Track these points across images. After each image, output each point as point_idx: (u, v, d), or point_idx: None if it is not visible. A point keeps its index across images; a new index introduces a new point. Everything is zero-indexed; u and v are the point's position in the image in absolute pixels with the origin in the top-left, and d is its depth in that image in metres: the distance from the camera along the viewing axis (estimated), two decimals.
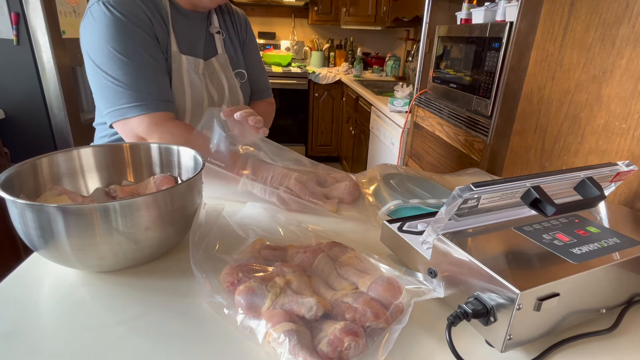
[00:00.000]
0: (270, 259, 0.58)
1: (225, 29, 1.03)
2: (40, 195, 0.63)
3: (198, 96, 0.94)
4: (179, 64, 0.90)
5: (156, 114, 0.85)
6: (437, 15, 1.84)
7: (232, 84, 1.01)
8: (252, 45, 1.11)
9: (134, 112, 0.83)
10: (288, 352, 0.41)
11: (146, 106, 0.84)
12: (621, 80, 0.80)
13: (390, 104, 2.23)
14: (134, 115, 0.83)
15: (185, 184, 0.59)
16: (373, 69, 3.88)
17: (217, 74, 0.99)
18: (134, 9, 0.83)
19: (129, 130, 0.86)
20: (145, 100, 0.84)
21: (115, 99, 0.83)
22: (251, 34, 1.12)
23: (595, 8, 0.86)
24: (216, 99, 0.98)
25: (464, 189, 0.46)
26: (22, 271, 0.59)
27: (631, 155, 0.77)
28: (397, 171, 0.95)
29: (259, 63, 1.14)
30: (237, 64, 1.05)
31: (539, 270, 0.45)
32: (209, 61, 0.97)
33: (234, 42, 1.05)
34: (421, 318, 0.51)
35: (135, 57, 0.82)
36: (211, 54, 0.99)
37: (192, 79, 0.92)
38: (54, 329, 0.48)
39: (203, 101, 0.96)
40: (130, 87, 0.82)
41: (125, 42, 0.81)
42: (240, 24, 1.08)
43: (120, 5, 0.81)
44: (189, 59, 0.92)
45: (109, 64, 0.81)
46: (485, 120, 1.31)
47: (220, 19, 1.02)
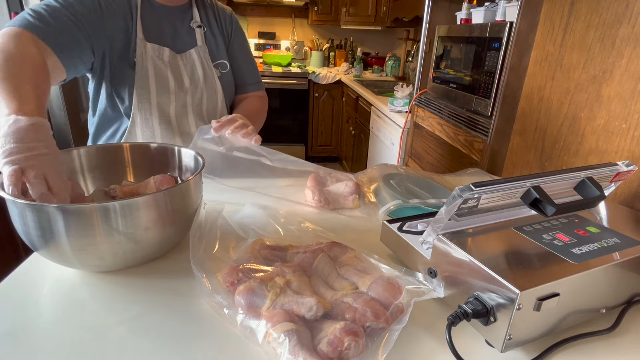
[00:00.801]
0: (270, 259, 0.58)
1: (207, 23, 1.09)
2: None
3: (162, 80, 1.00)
4: (143, 49, 0.97)
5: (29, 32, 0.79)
6: (437, 15, 1.84)
7: (208, 74, 1.07)
8: (239, 39, 1.17)
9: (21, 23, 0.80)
10: (288, 352, 0.41)
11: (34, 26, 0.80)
12: (621, 80, 0.80)
13: (390, 104, 2.23)
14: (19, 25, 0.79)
15: (185, 184, 0.59)
16: (373, 69, 3.88)
17: (193, 64, 1.05)
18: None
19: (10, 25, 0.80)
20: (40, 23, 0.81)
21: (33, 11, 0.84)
22: (237, 28, 1.17)
23: (595, 8, 0.86)
24: (187, 85, 1.03)
25: (464, 189, 0.46)
26: (22, 271, 0.59)
27: (631, 155, 0.77)
28: (397, 171, 0.95)
29: (247, 56, 1.20)
30: (217, 56, 1.10)
31: (539, 270, 0.45)
32: (187, 52, 1.04)
33: (216, 36, 1.10)
34: (421, 318, 0.51)
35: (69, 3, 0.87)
36: (190, 46, 1.05)
37: (156, 64, 0.98)
38: (54, 329, 0.48)
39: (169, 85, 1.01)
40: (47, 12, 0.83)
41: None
42: (224, 19, 1.14)
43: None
44: (154, 46, 0.98)
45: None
46: (485, 120, 1.31)
47: (202, 14, 1.08)
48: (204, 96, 1.06)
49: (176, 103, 1.01)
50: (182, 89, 1.02)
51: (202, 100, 1.06)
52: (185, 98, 1.03)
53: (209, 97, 1.07)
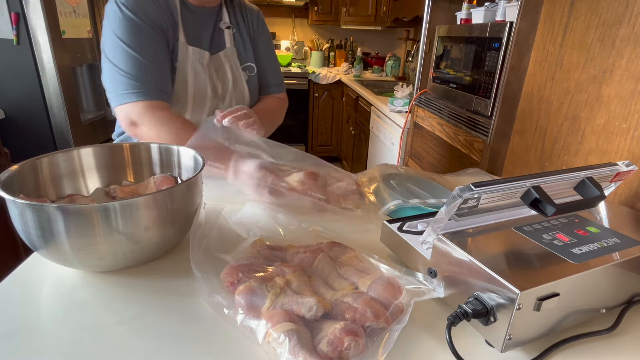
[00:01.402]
0: (270, 259, 0.58)
1: (236, 24, 1.06)
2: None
3: (201, 86, 0.99)
4: (185, 54, 0.96)
5: (151, 102, 0.91)
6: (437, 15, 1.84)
7: (237, 78, 1.05)
8: (263, 39, 1.14)
9: (130, 98, 0.90)
10: (288, 352, 0.41)
11: (142, 94, 0.90)
12: (621, 80, 0.80)
13: (390, 104, 2.23)
14: (130, 101, 0.90)
15: (185, 184, 0.59)
16: (373, 69, 3.88)
17: (223, 67, 1.03)
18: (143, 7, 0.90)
19: (124, 114, 0.92)
20: (142, 89, 0.90)
21: (118, 86, 0.91)
22: (263, 28, 1.14)
23: (595, 8, 0.86)
24: (220, 92, 1.01)
25: (464, 189, 0.46)
26: (22, 271, 0.59)
27: (631, 155, 0.77)
28: (397, 171, 0.95)
29: (270, 57, 1.17)
30: (246, 58, 1.08)
31: (539, 270, 0.45)
32: (216, 55, 1.02)
33: (244, 37, 1.08)
34: (421, 318, 0.51)
35: (140, 51, 0.90)
36: (219, 48, 1.03)
37: (196, 69, 0.97)
38: (54, 329, 0.48)
39: (206, 91, 1.00)
40: (132, 77, 0.90)
41: (132, 37, 0.90)
42: (252, 18, 1.11)
43: (130, 3, 0.90)
44: (195, 50, 0.97)
45: (118, 56, 0.90)
46: (485, 120, 1.31)
47: (231, 14, 1.06)
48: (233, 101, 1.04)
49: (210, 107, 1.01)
50: (216, 94, 1.01)
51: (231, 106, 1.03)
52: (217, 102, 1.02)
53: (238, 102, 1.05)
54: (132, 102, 0.90)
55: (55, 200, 0.66)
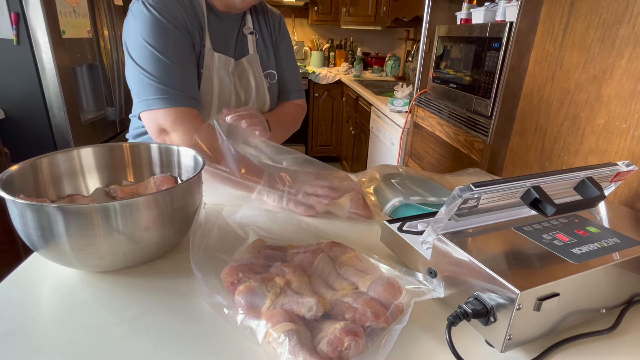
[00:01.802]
0: (270, 259, 0.58)
1: (259, 30, 1.05)
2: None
3: (225, 93, 0.97)
4: (210, 60, 0.94)
5: (182, 109, 0.88)
6: (437, 15, 1.84)
7: (259, 85, 1.03)
8: (285, 45, 1.12)
9: (160, 104, 0.88)
10: (288, 352, 0.41)
11: (173, 100, 0.88)
12: (621, 80, 0.80)
13: (390, 104, 2.23)
14: (161, 107, 0.88)
15: (185, 184, 0.59)
16: (373, 69, 3.88)
17: (246, 74, 1.01)
18: (171, 8, 0.88)
19: (154, 120, 0.89)
20: (172, 95, 0.88)
21: (146, 91, 0.88)
22: (285, 34, 1.12)
23: (595, 8, 0.86)
24: (243, 99, 1.00)
25: (464, 189, 0.46)
26: (22, 271, 0.59)
27: (631, 155, 0.77)
28: (397, 171, 0.95)
29: (291, 63, 1.14)
30: (268, 65, 1.06)
31: (539, 270, 0.45)
32: (239, 61, 1.00)
33: (267, 43, 1.06)
34: (421, 318, 0.51)
35: (167, 54, 0.87)
36: (242, 54, 1.01)
37: (221, 76, 0.96)
38: (54, 328, 0.48)
39: (230, 99, 0.98)
40: (161, 81, 0.87)
41: (160, 39, 0.86)
42: (274, 23, 1.09)
43: (158, 4, 0.87)
44: (221, 56, 0.95)
45: (144, 59, 0.87)
46: (485, 120, 1.31)
47: (254, 20, 1.04)
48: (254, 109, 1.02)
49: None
50: (239, 102, 0.99)
51: None
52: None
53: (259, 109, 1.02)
54: (162, 108, 0.87)
55: (55, 200, 0.66)
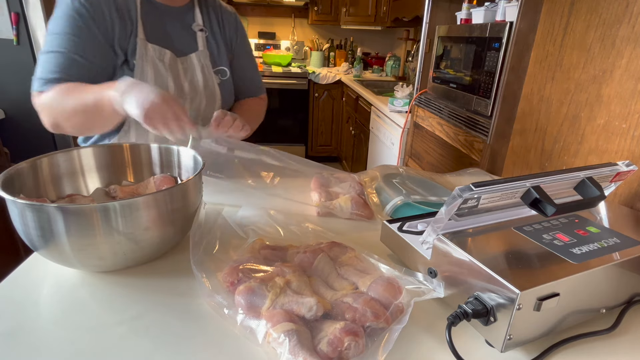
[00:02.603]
0: (270, 259, 0.58)
1: (209, 27, 1.04)
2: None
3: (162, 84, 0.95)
4: (143, 51, 0.92)
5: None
6: (437, 15, 1.84)
7: (208, 80, 1.02)
8: (243, 44, 1.12)
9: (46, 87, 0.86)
10: (288, 352, 0.41)
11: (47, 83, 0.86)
12: (621, 80, 0.80)
13: (390, 104, 2.23)
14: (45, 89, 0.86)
15: (185, 184, 0.59)
16: (373, 69, 3.88)
17: (193, 69, 1.00)
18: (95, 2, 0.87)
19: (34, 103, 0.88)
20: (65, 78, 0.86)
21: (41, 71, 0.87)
22: (241, 32, 1.12)
23: (595, 8, 0.86)
24: (187, 92, 0.99)
25: (464, 189, 0.46)
26: (22, 271, 0.59)
27: (631, 155, 0.77)
28: (398, 172, 0.95)
29: (251, 62, 1.16)
30: (219, 62, 1.06)
31: (539, 270, 0.45)
32: (187, 56, 0.99)
33: (218, 41, 1.06)
34: (421, 318, 0.51)
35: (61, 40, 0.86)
36: (190, 50, 1.00)
37: (157, 67, 0.94)
38: (54, 328, 0.48)
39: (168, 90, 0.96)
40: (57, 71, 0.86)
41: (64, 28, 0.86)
42: (229, 22, 1.08)
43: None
44: (155, 47, 0.94)
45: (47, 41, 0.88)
46: (485, 120, 1.31)
47: (205, 17, 1.03)
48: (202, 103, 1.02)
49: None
50: (182, 94, 0.98)
51: (200, 108, 1.02)
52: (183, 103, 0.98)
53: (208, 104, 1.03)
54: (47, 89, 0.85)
55: (55, 200, 0.66)
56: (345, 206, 0.79)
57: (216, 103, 1.06)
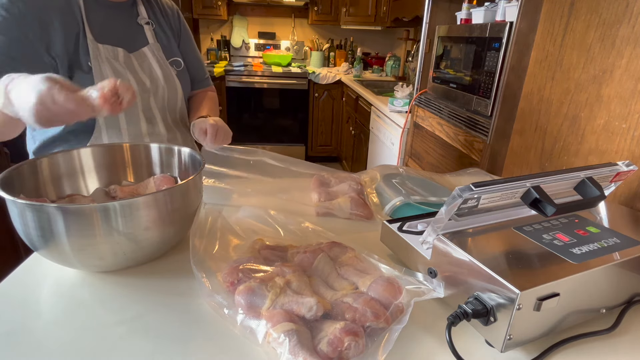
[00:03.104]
0: (270, 259, 0.58)
1: (155, 20, 1.04)
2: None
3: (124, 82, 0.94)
4: (96, 52, 0.89)
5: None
6: (437, 15, 1.84)
7: (167, 73, 1.02)
8: (187, 36, 1.13)
9: None
10: (288, 352, 0.41)
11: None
12: (621, 80, 0.80)
13: (390, 104, 2.23)
14: None
15: (185, 184, 0.59)
16: (373, 69, 3.88)
17: (149, 63, 0.99)
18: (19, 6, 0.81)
19: None
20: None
21: None
22: (184, 24, 1.13)
23: (595, 8, 0.86)
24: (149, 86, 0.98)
25: (464, 189, 0.46)
26: (22, 271, 0.59)
27: (631, 155, 0.77)
28: (398, 172, 0.95)
29: (195, 53, 1.16)
30: (171, 53, 1.06)
31: (539, 270, 0.45)
32: (140, 51, 0.98)
33: (166, 32, 1.06)
34: (421, 318, 0.51)
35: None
36: (141, 44, 0.99)
37: (114, 67, 0.92)
38: (54, 328, 0.48)
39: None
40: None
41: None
42: (172, 15, 1.09)
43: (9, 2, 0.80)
44: (107, 47, 0.91)
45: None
46: (485, 120, 1.31)
47: (148, 11, 1.03)
48: (166, 95, 1.01)
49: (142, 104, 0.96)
50: (145, 89, 0.97)
51: (164, 100, 1.01)
52: (149, 99, 0.98)
53: (170, 96, 1.03)
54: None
55: (55, 200, 0.66)
56: (345, 206, 0.79)
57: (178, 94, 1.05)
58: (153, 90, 0.99)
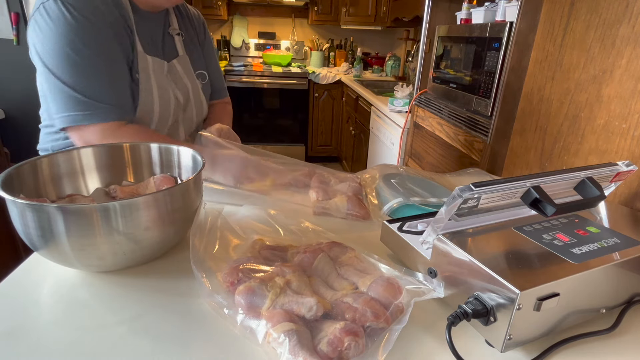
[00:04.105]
0: (270, 259, 0.58)
1: (185, 30, 1.02)
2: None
3: (166, 97, 0.92)
4: (145, 64, 0.88)
5: (109, 124, 0.83)
6: (437, 15, 1.84)
7: (194, 86, 1.00)
8: (210, 46, 1.11)
9: (87, 121, 0.81)
10: (288, 352, 0.41)
11: (100, 115, 0.81)
12: (621, 80, 0.80)
13: (390, 104, 2.23)
14: (88, 123, 0.81)
15: (185, 184, 0.59)
16: (373, 69, 3.88)
17: (180, 76, 0.97)
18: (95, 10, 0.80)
19: (81, 137, 0.83)
20: (99, 109, 0.81)
21: (69, 105, 0.79)
22: (208, 35, 1.11)
23: (595, 8, 0.86)
24: (182, 101, 0.96)
25: (464, 189, 0.46)
26: (22, 271, 0.59)
27: (631, 155, 0.77)
28: (398, 171, 0.95)
29: (215, 63, 1.15)
30: (198, 65, 1.04)
31: (539, 270, 0.45)
32: (171, 63, 0.95)
33: (195, 43, 1.04)
34: (421, 318, 0.51)
35: (93, 61, 0.80)
36: (172, 56, 0.97)
37: (159, 80, 0.90)
38: (54, 328, 0.48)
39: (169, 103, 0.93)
40: (86, 94, 0.79)
41: (83, 46, 0.78)
42: (198, 25, 1.07)
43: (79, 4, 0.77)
44: (155, 60, 0.90)
45: (65, 68, 0.78)
46: (485, 120, 1.31)
47: (179, 20, 1.01)
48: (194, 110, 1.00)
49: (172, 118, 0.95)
50: (178, 105, 0.96)
51: (193, 114, 1.00)
52: (178, 113, 0.97)
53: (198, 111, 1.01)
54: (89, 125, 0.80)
55: (55, 200, 0.66)
56: (341, 206, 0.79)
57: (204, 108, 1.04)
58: (184, 105, 0.97)
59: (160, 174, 0.75)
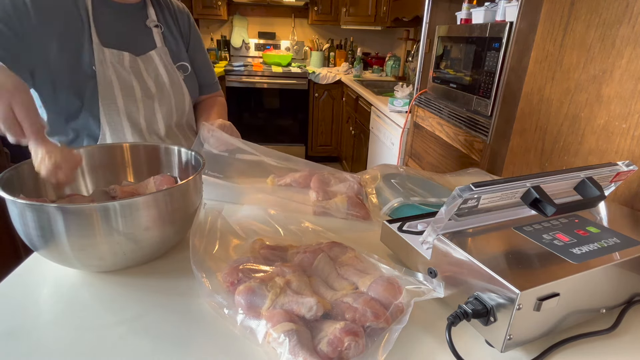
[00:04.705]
0: (270, 259, 0.58)
1: (164, 23, 1.02)
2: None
3: (127, 88, 0.92)
4: (102, 57, 0.88)
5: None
6: (437, 15, 1.84)
7: (173, 77, 1.01)
8: (197, 40, 1.11)
9: None
10: (288, 352, 0.41)
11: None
12: (621, 80, 0.80)
13: (390, 104, 2.23)
14: None
15: (185, 184, 0.59)
16: (373, 69, 3.88)
17: (155, 67, 0.98)
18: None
19: None
20: None
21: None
22: (194, 28, 1.11)
23: (595, 8, 0.86)
24: (154, 91, 0.97)
25: (464, 189, 0.46)
26: (22, 271, 0.59)
27: (631, 155, 0.77)
28: (398, 171, 0.95)
29: (204, 57, 1.15)
30: (179, 58, 1.04)
31: (539, 270, 0.45)
32: (147, 54, 0.97)
33: (176, 37, 1.04)
34: (421, 318, 0.51)
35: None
36: (149, 47, 0.98)
37: (118, 71, 0.91)
38: (54, 328, 0.48)
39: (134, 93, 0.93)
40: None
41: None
42: (182, 19, 1.08)
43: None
44: (113, 52, 0.90)
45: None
46: (485, 120, 1.31)
47: (158, 13, 1.01)
48: (172, 101, 1.00)
49: (145, 111, 0.95)
50: (149, 95, 0.96)
51: (171, 105, 1.00)
52: (153, 105, 0.97)
53: (177, 102, 1.01)
54: None
55: (55, 200, 0.66)
56: (341, 206, 0.79)
57: (185, 99, 1.04)
58: (158, 96, 0.98)
59: (160, 174, 0.75)
